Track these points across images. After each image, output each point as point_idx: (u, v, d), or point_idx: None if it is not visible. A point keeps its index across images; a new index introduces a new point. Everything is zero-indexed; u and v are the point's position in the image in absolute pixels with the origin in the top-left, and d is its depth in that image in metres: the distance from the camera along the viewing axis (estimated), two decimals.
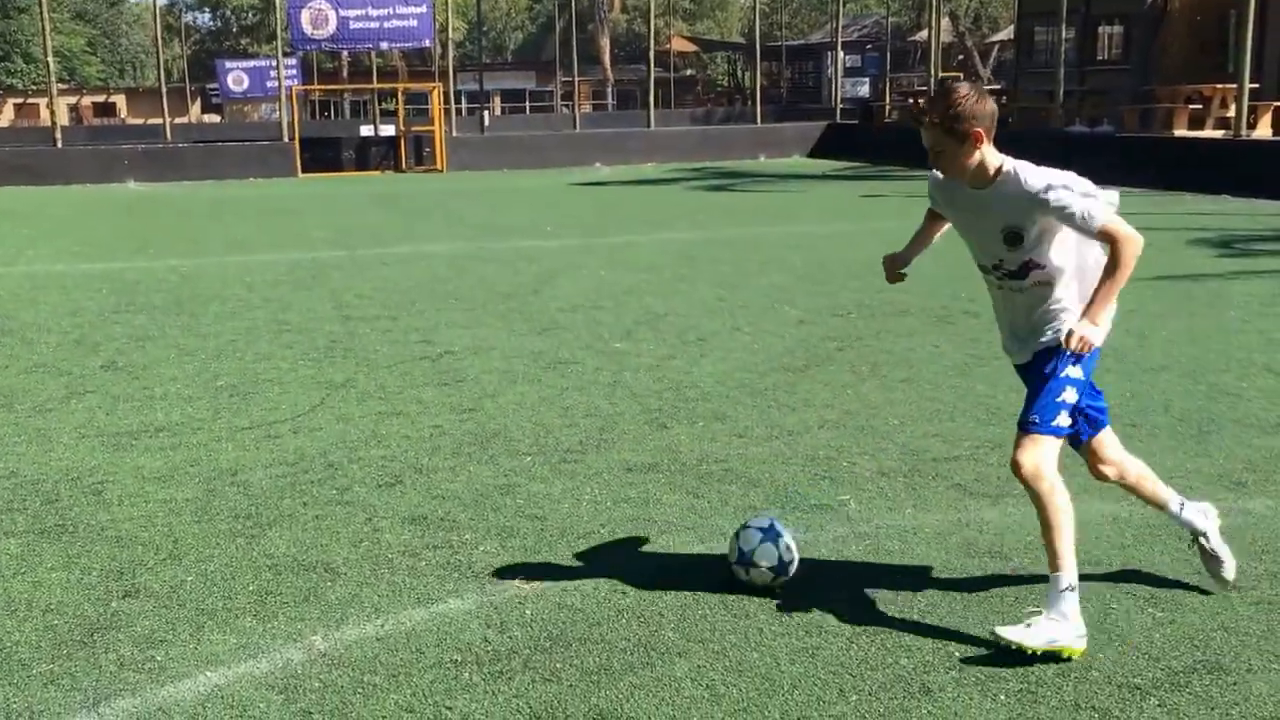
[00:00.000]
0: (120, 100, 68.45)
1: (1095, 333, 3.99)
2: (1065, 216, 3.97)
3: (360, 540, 5.14)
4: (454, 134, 35.15)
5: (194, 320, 10.52)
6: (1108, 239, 3.98)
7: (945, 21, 46.76)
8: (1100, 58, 38.62)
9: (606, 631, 4.22)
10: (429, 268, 13.66)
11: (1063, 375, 4.11)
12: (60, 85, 48.28)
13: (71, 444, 6.70)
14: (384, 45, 36.52)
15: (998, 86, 43.89)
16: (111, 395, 7.81)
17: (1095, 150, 24.51)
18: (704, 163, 33.00)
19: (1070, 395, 4.12)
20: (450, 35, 39.82)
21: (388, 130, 34.77)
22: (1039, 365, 4.20)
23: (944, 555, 4.90)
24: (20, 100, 65.33)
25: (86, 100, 67.33)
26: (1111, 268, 3.99)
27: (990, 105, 4.05)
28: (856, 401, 7.35)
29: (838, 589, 4.57)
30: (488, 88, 51.18)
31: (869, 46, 62.17)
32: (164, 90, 40.67)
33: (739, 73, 72.27)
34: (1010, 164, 4.10)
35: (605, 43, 67.70)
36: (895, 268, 4.61)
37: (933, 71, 35.01)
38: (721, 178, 27.83)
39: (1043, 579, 4.17)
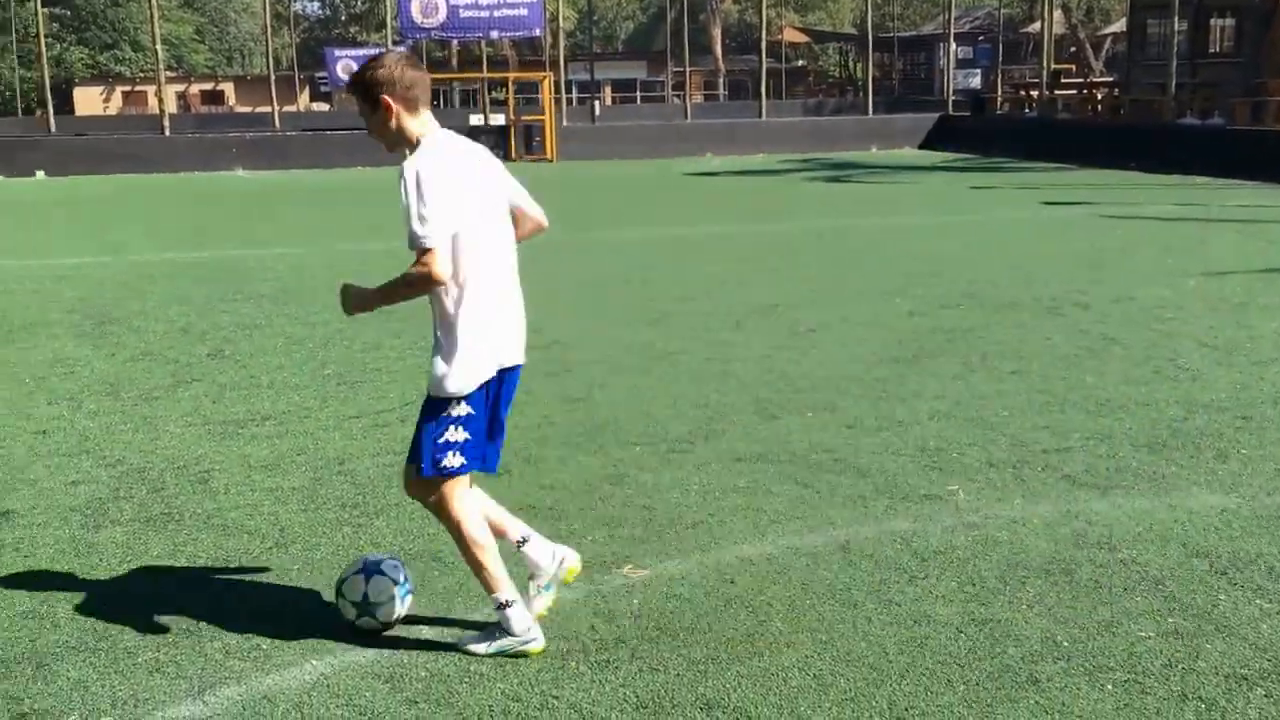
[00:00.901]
0: (228, 88, 69.45)
1: (346, 307, 3.94)
2: (402, 210, 3.71)
3: None
4: (564, 123, 35.32)
5: (301, 309, 10.64)
6: (416, 256, 3.71)
7: (1058, 13, 45.71)
8: (1212, 51, 37.54)
9: (714, 621, 4.20)
10: (536, 257, 13.71)
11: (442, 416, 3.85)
12: (168, 73, 49.07)
13: (178, 432, 6.80)
14: (494, 34, 36.80)
15: (1110, 78, 42.90)
16: (218, 384, 7.93)
17: (1206, 143, 23.88)
18: (814, 154, 32.74)
19: (455, 435, 3.86)
20: (561, 25, 40.00)
21: (498, 120, 35.03)
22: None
23: (1052, 546, 4.80)
24: (128, 88, 66.23)
25: (194, 88, 68.31)
26: (400, 276, 3.79)
27: (410, 74, 3.82)
28: (966, 393, 7.22)
29: (946, 579, 4.50)
30: (598, 77, 51.33)
31: (981, 38, 61.02)
32: (272, 78, 41.13)
33: (850, 64, 71.53)
34: (427, 140, 3.85)
35: (717, 33, 67.43)
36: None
37: (1045, 64, 34.33)
38: (832, 169, 27.58)
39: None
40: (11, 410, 7.31)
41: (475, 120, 35.43)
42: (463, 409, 3.86)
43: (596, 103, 45.82)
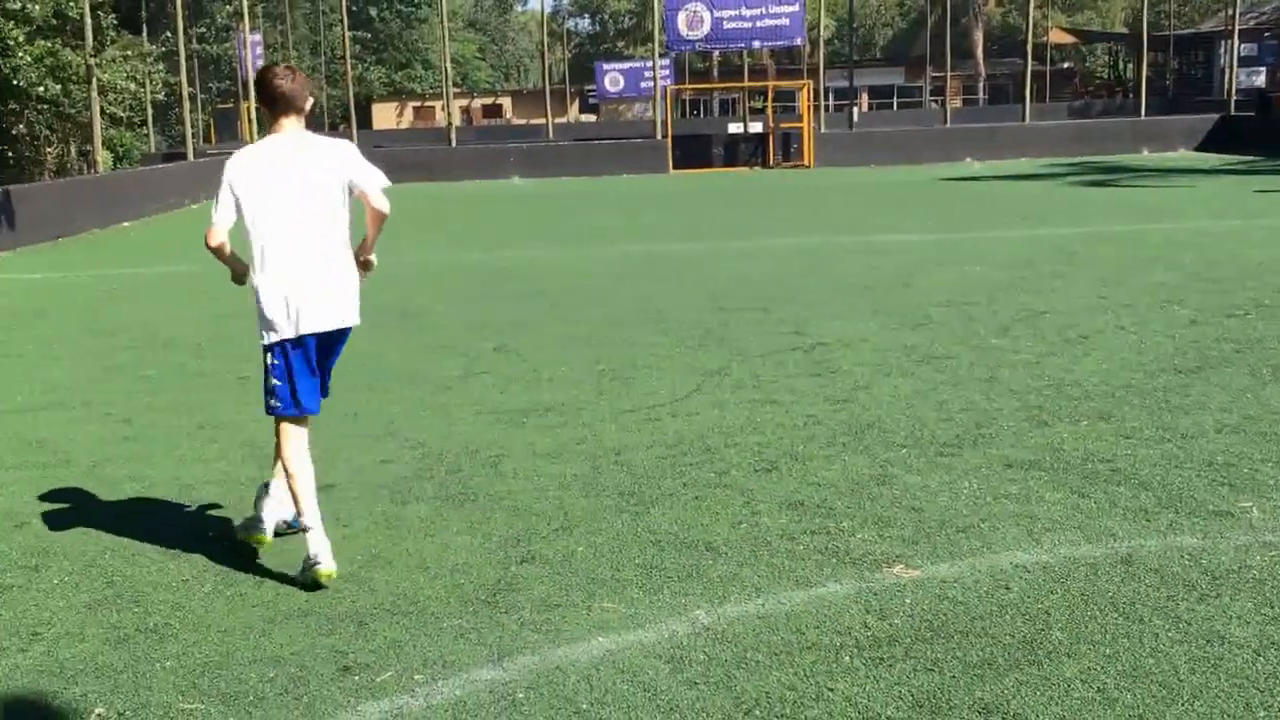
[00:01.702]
0: (506, 102, 72.57)
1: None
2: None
3: (739, 522, 5.26)
4: (822, 130, 35.18)
5: (575, 307, 11.07)
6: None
7: None
8: None
9: (990, 626, 4.14)
10: (798, 261, 13.76)
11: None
12: (454, 89, 51.70)
13: (470, 419, 7.20)
14: (755, 44, 36.95)
15: None
16: (504, 376, 8.33)
17: None
18: (1081, 157, 31.61)
19: (271, 381, 4.77)
20: (821, 33, 39.85)
21: (756, 127, 35.19)
22: None
23: None
24: (419, 103, 70.54)
25: (476, 103, 71.81)
26: None
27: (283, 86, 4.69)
28: (1257, 406, 6.86)
29: (1241, 599, 4.30)
30: (856, 84, 50.92)
31: (1267, 34, 57.58)
32: (547, 92, 42.84)
33: (1120, 64, 68.68)
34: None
35: (978, 36, 65.91)
36: None
37: None
38: (1100, 172, 26.57)
39: None
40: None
41: (734, 129, 35.76)
42: (270, 359, 4.74)
43: (854, 109, 45.43)
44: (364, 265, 4.91)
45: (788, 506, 5.43)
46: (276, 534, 5.06)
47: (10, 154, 22.82)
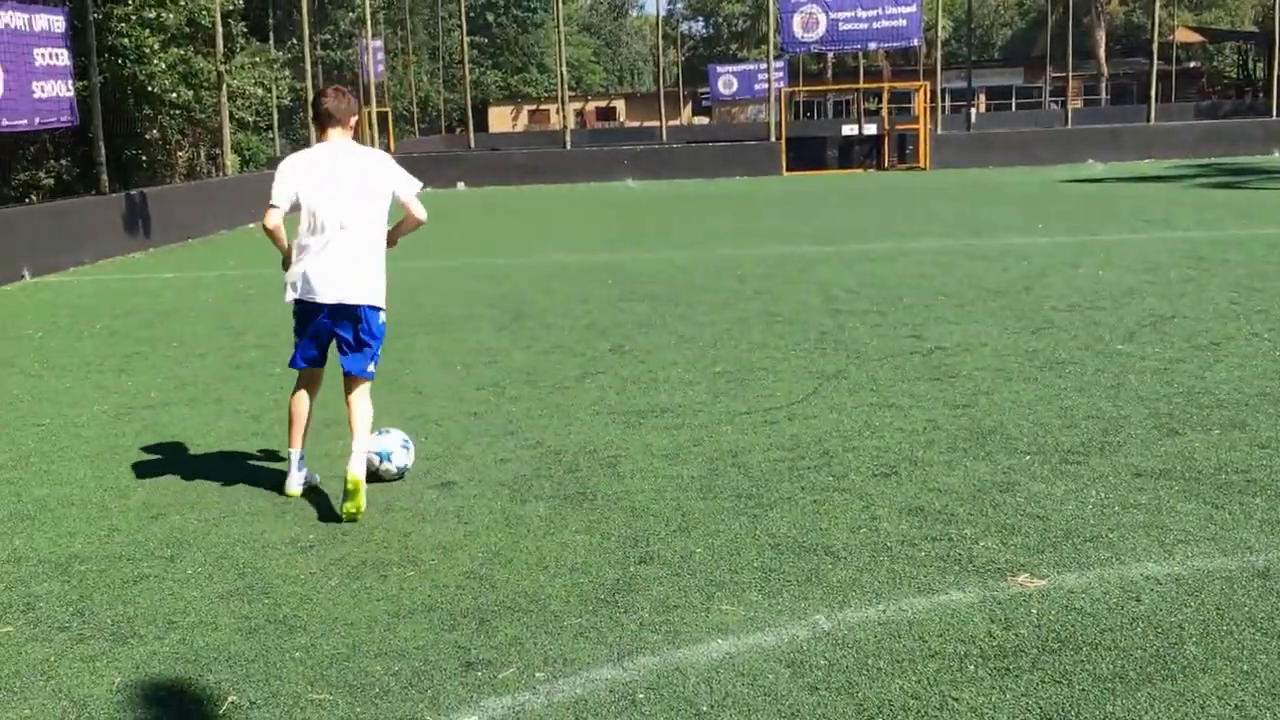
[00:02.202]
0: (620, 105, 73.07)
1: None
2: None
3: (859, 527, 5.21)
4: (938, 132, 34.74)
5: (690, 309, 11.08)
6: None
7: None
8: None
9: (1120, 638, 4.04)
10: (914, 263, 13.61)
11: None
12: (568, 92, 52.15)
13: (587, 419, 7.24)
14: (871, 46, 36.62)
15: None
16: (620, 377, 8.37)
17: None
18: (1208, 159, 30.76)
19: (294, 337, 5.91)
20: (938, 34, 39.34)
21: (871, 129, 34.86)
22: None
23: None
24: (534, 107, 71.41)
25: (590, 105, 72.39)
26: None
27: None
28: None
29: None
30: (974, 85, 50.17)
31: None
32: (661, 95, 42.96)
33: (1249, 63, 66.67)
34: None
35: (1101, 36, 64.49)
36: None
37: None
38: (1229, 174, 25.83)
39: None
40: (448, 394, 8.06)
41: (848, 130, 35.53)
42: (292, 320, 5.87)
43: (972, 110, 44.77)
44: (390, 242, 5.88)
45: (908, 512, 5.37)
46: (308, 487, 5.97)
47: (144, 158, 23.56)
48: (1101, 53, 64.95)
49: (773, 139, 33.89)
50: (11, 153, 21.25)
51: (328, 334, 5.77)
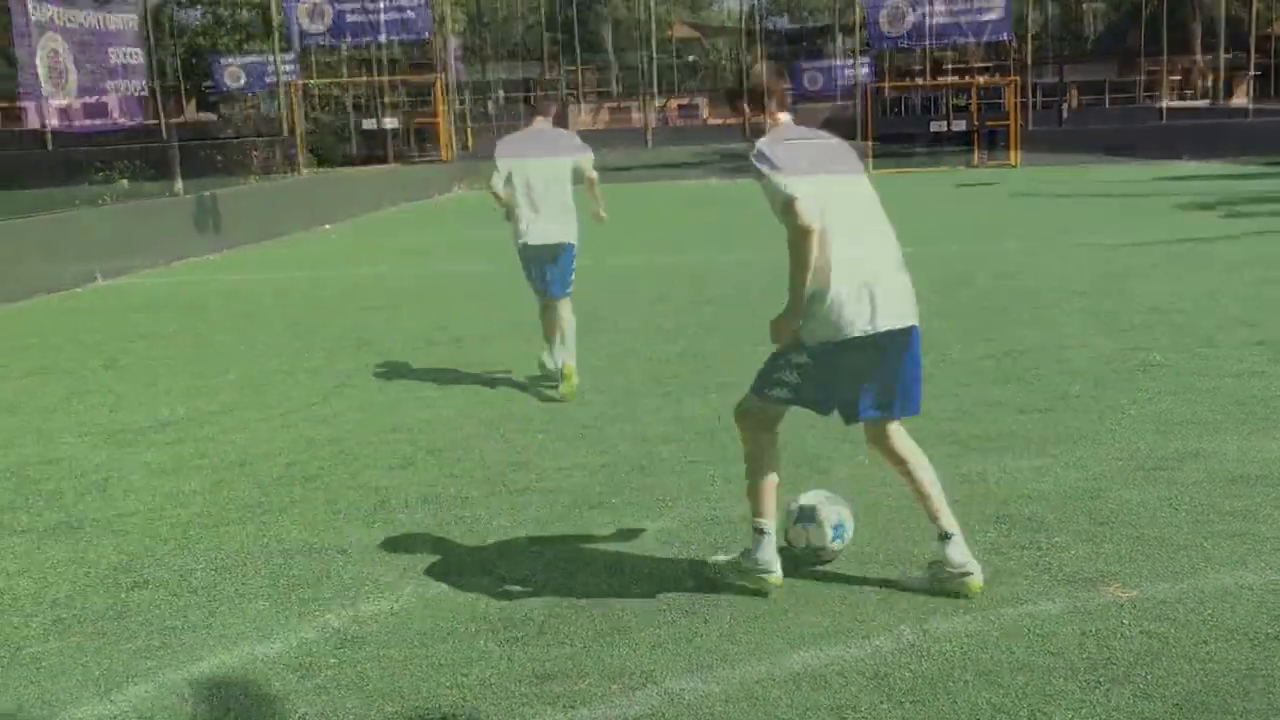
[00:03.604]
0: (702, 102, 73.15)
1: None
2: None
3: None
4: (1029, 127, 34.18)
5: (753, 313, 10.86)
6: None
7: None
8: None
9: (1214, 651, 3.92)
10: (998, 263, 13.39)
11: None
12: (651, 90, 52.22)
13: (660, 429, 7.18)
14: (960, 40, 36.13)
15: None
16: (689, 384, 8.29)
17: None
18: None
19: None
20: (1029, 27, 38.74)
21: (960, 125, 34.42)
22: None
23: None
24: (615, 105, 71.57)
25: (673, 102, 72.49)
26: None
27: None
28: None
29: None
30: (1065, 80, 49.33)
31: None
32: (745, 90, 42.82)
33: None
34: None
35: (1197, 28, 63.02)
36: None
37: None
38: None
39: None
40: (517, 400, 8.03)
41: (936, 126, 35.00)
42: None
43: (1064, 105, 44.03)
44: (596, 218, 8.25)
45: (996, 521, 5.26)
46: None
47: (219, 157, 23.76)
48: (1198, 46, 63.47)
49: (859, 137, 33.58)
50: (84, 153, 21.55)
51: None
